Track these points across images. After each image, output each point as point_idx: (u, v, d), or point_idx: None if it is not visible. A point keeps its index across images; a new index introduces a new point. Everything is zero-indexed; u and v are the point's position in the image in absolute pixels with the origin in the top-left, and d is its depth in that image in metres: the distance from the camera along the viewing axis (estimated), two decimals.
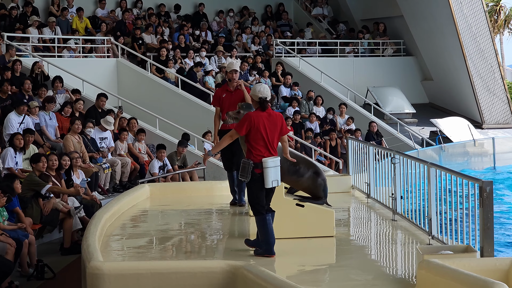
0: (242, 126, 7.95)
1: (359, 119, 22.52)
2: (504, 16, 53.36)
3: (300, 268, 7.95)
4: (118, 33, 22.34)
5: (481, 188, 7.30)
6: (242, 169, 7.88)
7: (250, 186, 7.99)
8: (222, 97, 10.41)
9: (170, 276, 7.10)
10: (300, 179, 9.07)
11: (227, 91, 10.44)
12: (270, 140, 8.00)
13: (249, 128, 7.93)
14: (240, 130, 7.95)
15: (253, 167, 7.87)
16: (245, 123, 7.94)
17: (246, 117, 7.98)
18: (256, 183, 7.93)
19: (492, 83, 26.15)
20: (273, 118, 8.06)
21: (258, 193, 7.97)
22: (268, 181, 7.92)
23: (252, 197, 8.03)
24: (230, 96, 10.37)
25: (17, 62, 16.95)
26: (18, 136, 13.12)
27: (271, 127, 8.02)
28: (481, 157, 23.42)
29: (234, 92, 10.40)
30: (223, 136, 8.19)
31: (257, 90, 8.06)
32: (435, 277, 6.46)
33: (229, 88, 10.45)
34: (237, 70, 10.47)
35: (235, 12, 27.28)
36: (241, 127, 7.95)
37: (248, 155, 7.96)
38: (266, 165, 7.88)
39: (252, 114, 8.00)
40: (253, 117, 7.96)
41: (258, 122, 7.94)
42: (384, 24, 27.68)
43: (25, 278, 10.30)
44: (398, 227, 9.70)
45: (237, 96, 10.33)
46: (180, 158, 16.08)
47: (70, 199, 12.18)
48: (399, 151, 10.40)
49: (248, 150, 7.98)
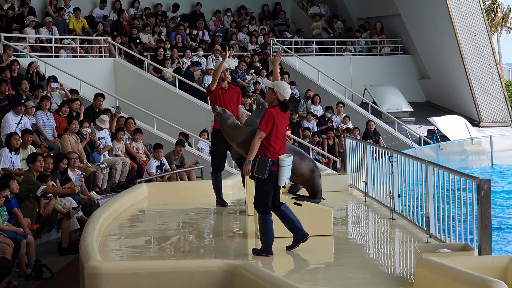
0: (267, 124, 7.89)
1: (356, 117, 22.53)
2: (501, 14, 53.44)
3: (298, 266, 7.96)
4: (115, 32, 22.33)
5: (479, 186, 7.30)
6: (259, 167, 7.83)
7: (263, 184, 7.95)
8: (218, 93, 10.47)
9: (168, 276, 7.10)
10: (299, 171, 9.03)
11: (221, 89, 10.51)
12: (284, 138, 8.03)
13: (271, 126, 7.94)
14: (266, 129, 7.89)
15: (271, 164, 7.88)
16: (270, 121, 7.91)
17: (269, 114, 7.92)
18: (270, 181, 7.94)
19: (490, 81, 26.17)
20: (287, 116, 8.10)
21: (270, 191, 7.98)
22: (282, 179, 7.96)
23: (261, 195, 7.99)
24: (224, 93, 10.46)
25: (14, 63, 16.93)
26: (15, 136, 13.09)
27: (285, 125, 8.07)
28: (479, 155, 23.43)
29: (228, 90, 10.50)
30: (253, 140, 7.93)
31: (286, 91, 8.01)
32: (433, 275, 6.47)
33: (222, 85, 10.53)
34: (231, 69, 10.50)
35: (232, 11, 27.28)
36: (267, 125, 7.89)
37: (265, 153, 7.91)
38: (283, 163, 7.91)
39: (273, 112, 7.97)
40: (274, 114, 7.95)
41: (277, 120, 7.95)
42: (381, 23, 27.70)
43: (23, 278, 10.28)
44: (396, 225, 9.71)
45: (231, 94, 10.47)
46: (178, 157, 16.08)
47: (67, 199, 12.16)
48: (396, 149, 10.42)
49: (265, 148, 7.93)
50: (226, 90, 10.49)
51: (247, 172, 7.96)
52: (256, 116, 9.48)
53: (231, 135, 9.07)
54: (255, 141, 7.92)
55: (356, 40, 27.03)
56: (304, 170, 8.88)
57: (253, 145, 7.92)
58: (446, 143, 22.25)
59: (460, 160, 22.55)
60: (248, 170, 7.95)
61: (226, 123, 9.01)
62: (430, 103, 27.31)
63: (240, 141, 8.87)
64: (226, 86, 10.53)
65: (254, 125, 9.11)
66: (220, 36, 24.90)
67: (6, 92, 15.52)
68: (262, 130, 7.89)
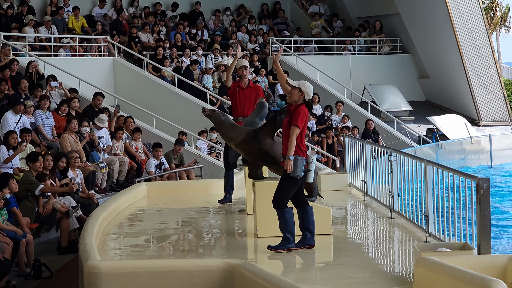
0: (303, 121, 7.92)
1: (355, 117, 22.53)
2: (500, 13, 53.43)
3: (297, 266, 7.96)
4: (115, 32, 22.32)
5: (478, 185, 7.30)
6: (295, 166, 7.85)
7: (292, 182, 7.97)
8: (236, 91, 10.49)
9: (167, 275, 7.10)
10: None
11: (239, 87, 10.54)
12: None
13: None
14: (302, 125, 7.91)
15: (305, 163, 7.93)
16: (304, 119, 7.94)
17: (303, 112, 7.94)
18: (301, 179, 7.98)
19: (489, 80, 26.17)
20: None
21: (295, 188, 8.02)
22: (311, 175, 8.05)
23: (286, 191, 8.00)
24: (242, 92, 10.50)
25: (14, 62, 16.92)
26: (13, 135, 13.09)
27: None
28: (478, 155, 23.44)
29: (246, 89, 10.53)
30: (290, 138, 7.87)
31: (312, 91, 8.07)
32: (432, 274, 6.46)
33: (241, 84, 10.55)
34: (247, 66, 10.61)
35: (231, 10, 27.27)
36: (302, 122, 7.92)
37: (296, 151, 7.92)
38: (312, 160, 7.98)
39: (306, 110, 8.00)
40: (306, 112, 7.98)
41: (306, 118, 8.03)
42: (380, 22, 27.69)
43: (23, 278, 10.29)
44: (395, 224, 9.71)
45: (249, 93, 10.49)
46: (177, 156, 16.07)
47: (66, 198, 12.16)
48: (396, 148, 10.41)
49: (296, 146, 7.93)
50: (244, 88, 10.50)
51: (290, 168, 7.88)
52: (255, 116, 9.49)
53: (229, 136, 9.08)
54: (292, 138, 7.89)
55: (356, 39, 27.03)
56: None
57: (291, 142, 7.88)
58: (446, 142, 22.25)
59: (460, 159, 22.56)
60: (291, 166, 7.87)
61: (221, 124, 9.06)
62: (429, 102, 27.30)
63: (238, 142, 8.90)
64: (245, 85, 10.53)
65: (253, 125, 9.12)
66: (219, 35, 24.89)
67: (5, 91, 15.52)
68: (299, 127, 7.90)
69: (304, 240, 8.19)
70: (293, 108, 8.03)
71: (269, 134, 8.86)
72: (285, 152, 7.97)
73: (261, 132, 8.89)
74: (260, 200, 8.78)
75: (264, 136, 8.86)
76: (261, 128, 8.95)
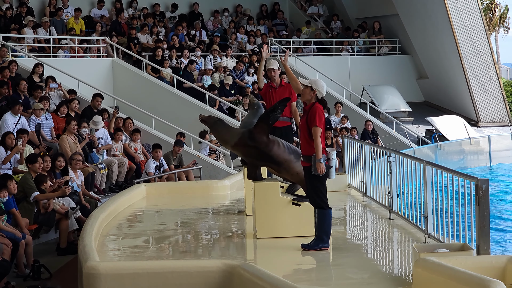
0: (321, 120, 7.95)
1: (354, 117, 22.53)
2: (499, 14, 53.51)
3: (296, 266, 7.96)
4: (113, 32, 22.32)
5: (477, 186, 7.29)
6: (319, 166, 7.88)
7: (320, 180, 8.02)
8: (268, 92, 10.66)
9: (166, 276, 7.10)
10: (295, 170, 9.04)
11: (272, 87, 10.71)
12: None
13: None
14: (321, 125, 7.94)
15: (327, 160, 7.94)
16: (322, 117, 7.97)
17: (320, 111, 7.97)
18: (325, 176, 8.02)
19: (488, 81, 26.19)
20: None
21: (324, 185, 8.08)
22: (333, 172, 8.09)
23: (318, 190, 8.06)
24: (275, 92, 10.65)
25: (13, 63, 16.92)
26: (10, 135, 13.09)
27: None
28: (477, 155, 23.43)
29: (278, 88, 10.68)
30: (315, 140, 7.90)
31: (324, 88, 8.11)
32: (432, 275, 6.47)
33: (273, 84, 10.73)
34: (274, 68, 10.71)
35: (230, 11, 27.28)
36: (321, 121, 7.95)
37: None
38: (332, 156, 8.03)
39: (320, 107, 8.00)
40: (321, 110, 7.98)
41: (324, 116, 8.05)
42: (379, 23, 27.70)
43: (22, 279, 10.28)
44: (394, 225, 9.71)
45: (281, 92, 10.61)
46: (176, 157, 16.07)
47: (65, 199, 12.16)
48: (395, 149, 10.42)
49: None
50: (276, 88, 10.60)
51: (322, 171, 7.91)
52: (251, 117, 9.48)
53: (224, 138, 9.14)
54: (317, 141, 7.91)
55: (354, 40, 27.04)
56: (299, 169, 8.87)
57: (317, 145, 7.90)
58: (445, 143, 22.25)
59: (459, 160, 22.56)
60: (323, 169, 7.90)
61: (215, 128, 9.14)
62: (428, 103, 27.32)
63: (234, 143, 8.94)
64: (277, 84, 10.64)
65: (250, 126, 9.11)
66: (218, 36, 24.90)
67: (5, 94, 15.51)
68: (319, 127, 7.92)
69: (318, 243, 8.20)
70: (307, 108, 8.06)
71: (264, 132, 8.86)
72: (305, 151, 8.03)
73: (255, 130, 8.89)
74: (259, 201, 8.78)
75: (259, 134, 8.86)
76: (255, 127, 8.94)
